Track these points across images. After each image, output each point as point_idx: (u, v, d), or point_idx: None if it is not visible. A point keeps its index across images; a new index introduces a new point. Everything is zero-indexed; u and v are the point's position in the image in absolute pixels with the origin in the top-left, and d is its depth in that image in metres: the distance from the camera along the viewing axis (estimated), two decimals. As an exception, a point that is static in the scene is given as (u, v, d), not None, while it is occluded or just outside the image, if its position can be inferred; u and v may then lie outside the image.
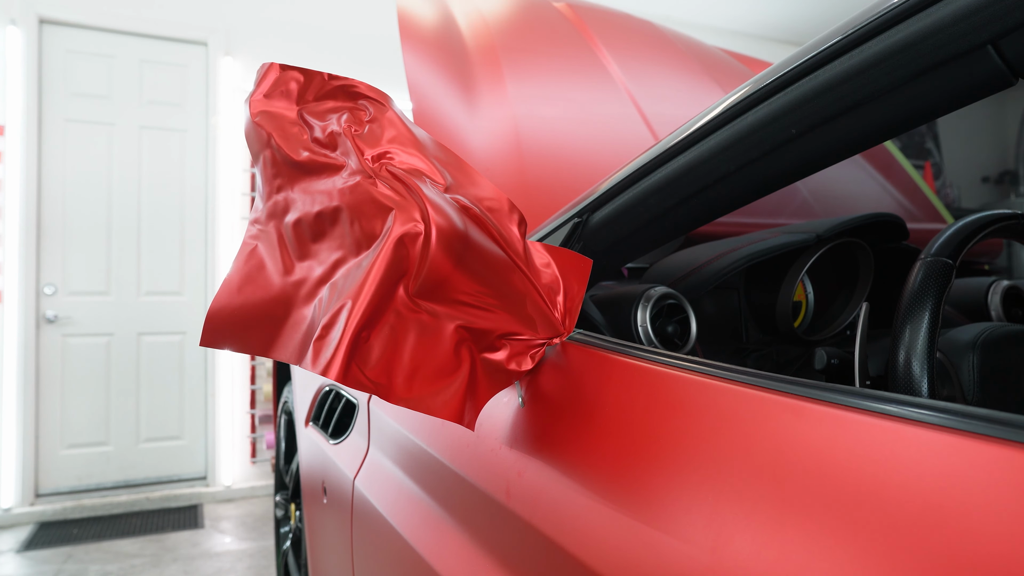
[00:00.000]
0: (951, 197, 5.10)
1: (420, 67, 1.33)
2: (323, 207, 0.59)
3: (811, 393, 0.40)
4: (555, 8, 1.66)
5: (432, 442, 0.79)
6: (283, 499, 1.75)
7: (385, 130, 0.64)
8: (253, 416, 3.44)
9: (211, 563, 2.52)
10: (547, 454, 0.59)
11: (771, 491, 0.38)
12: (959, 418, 0.33)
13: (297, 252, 0.61)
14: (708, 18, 4.74)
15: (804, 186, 1.36)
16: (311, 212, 0.59)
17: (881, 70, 0.47)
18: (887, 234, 1.06)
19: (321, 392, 1.35)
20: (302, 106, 0.65)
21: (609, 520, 0.49)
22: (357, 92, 0.67)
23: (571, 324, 0.64)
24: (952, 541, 0.29)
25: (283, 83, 0.64)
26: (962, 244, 0.63)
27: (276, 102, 0.64)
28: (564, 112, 1.33)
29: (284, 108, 0.64)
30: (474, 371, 0.59)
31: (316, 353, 0.52)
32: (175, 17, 3.39)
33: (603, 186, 0.74)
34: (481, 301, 0.59)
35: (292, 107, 0.64)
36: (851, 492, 0.34)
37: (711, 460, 0.43)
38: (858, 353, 0.63)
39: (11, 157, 3.06)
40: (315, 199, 0.60)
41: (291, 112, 0.64)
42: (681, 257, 0.98)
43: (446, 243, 0.54)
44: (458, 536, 0.68)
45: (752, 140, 0.57)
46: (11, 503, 3.01)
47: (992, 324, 0.71)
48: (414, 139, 0.65)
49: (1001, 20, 0.40)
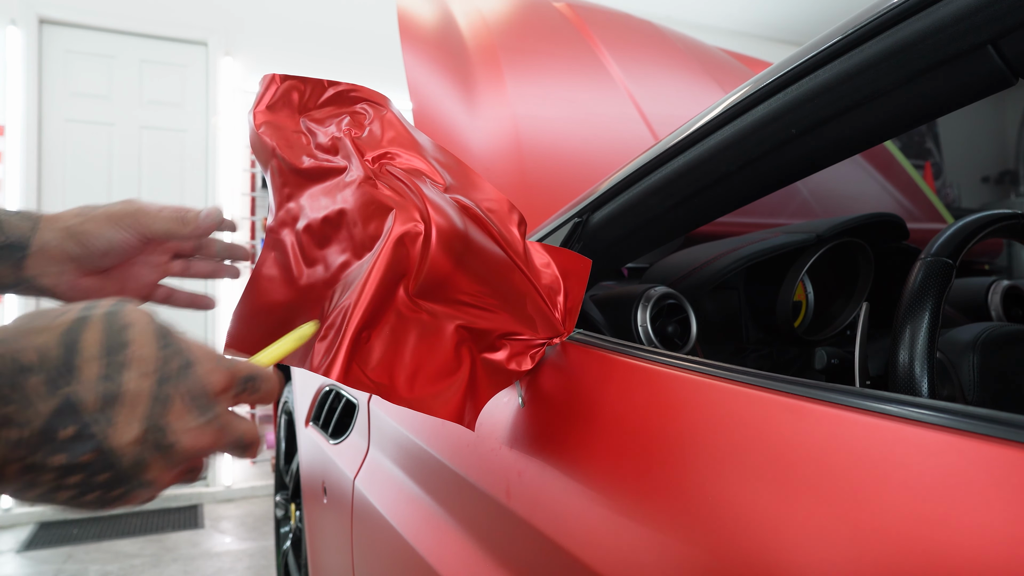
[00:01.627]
0: (951, 197, 5.10)
1: (420, 67, 1.33)
2: (328, 211, 0.59)
3: (811, 393, 0.40)
4: (555, 8, 1.66)
5: (432, 442, 0.79)
6: (283, 499, 1.75)
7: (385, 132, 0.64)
8: (253, 416, 3.43)
9: (211, 563, 2.52)
10: (547, 454, 0.59)
11: (771, 491, 0.38)
12: (959, 418, 0.33)
13: (306, 258, 0.61)
14: (708, 18, 4.74)
15: (804, 186, 1.36)
16: (317, 218, 0.60)
17: (881, 70, 0.47)
18: (887, 234, 1.06)
19: (321, 392, 1.35)
20: (304, 114, 0.66)
21: (609, 520, 0.49)
22: (356, 96, 0.68)
23: (571, 324, 0.64)
24: (952, 541, 0.29)
25: (285, 93, 0.65)
26: (962, 244, 0.63)
27: (279, 112, 0.64)
28: (564, 112, 1.33)
29: (287, 117, 0.65)
30: (474, 371, 0.59)
31: (316, 354, 0.52)
32: (175, 17, 3.39)
33: (603, 186, 0.74)
34: (481, 301, 0.59)
35: (295, 116, 0.65)
36: (851, 492, 0.34)
37: (711, 460, 0.43)
38: (858, 353, 0.63)
39: (11, 157, 3.06)
40: (320, 204, 0.60)
41: (294, 121, 0.65)
42: (681, 257, 0.98)
43: (446, 243, 0.54)
44: (458, 536, 0.68)
45: (752, 140, 0.57)
46: (11, 503, 3.01)
47: (992, 324, 0.71)
48: (413, 140, 0.65)
49: (1001, 20, 0.40)
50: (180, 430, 0.32)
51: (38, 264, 0.48)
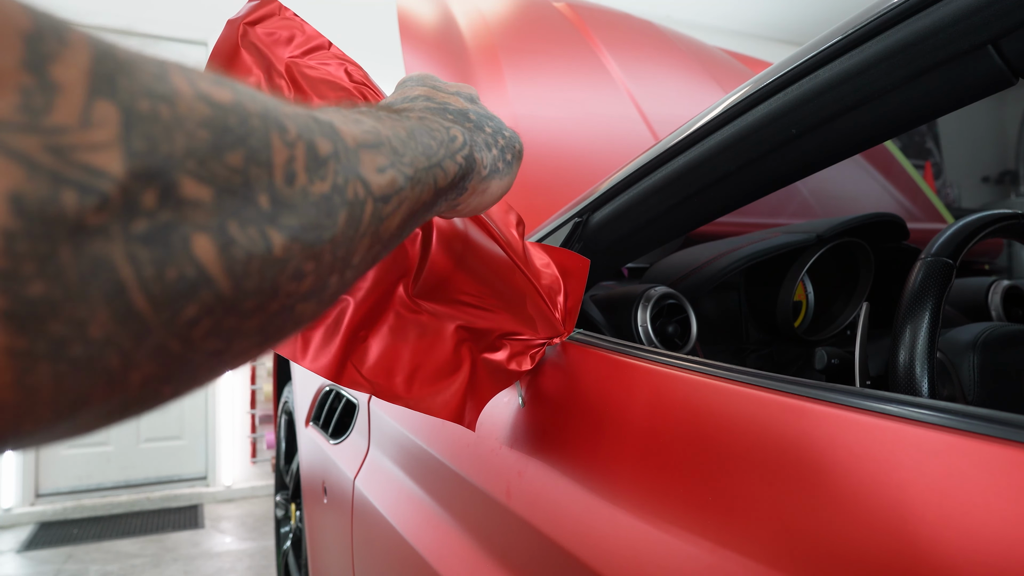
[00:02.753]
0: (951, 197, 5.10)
1: (420, 67, 1.33)
2: None
3: (811, 393, 0.40)
4: (555, 8, 1.66)
5: (432, 442, 0.79)
6: (283, 499, 1.75)
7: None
8: (253, 416, 3.44)
9: (211, 563, 2.52)
10: (547, 454, 0.59)
11: (771, 491, 0.38)
12: (959, 418, 0.33)
13: None
14: (708, 18, 4.74)
15: (804, 186, 1.36)
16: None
17: (881, 70, 0.47)
18: (887, 234, 1.06)
19: (321, 392, 1.35)
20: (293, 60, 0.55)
21: (609, 520, 0.49)
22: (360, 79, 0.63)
23: (571, 324, 0.64)
24: (952, 541, 0.29)
25: (283, 25, 0.55)
26: (962, 244, 0.63)
27: (265, 40, 0.54)
28: (564, 112, 1.33)
29: (272, 50, 0.54)
30: (474, 371, 0.59)
31: (310, 349, 0.52)
32: (175, 17, 3.39)
33: (603, 186, 0.74)
34: (481, 301, 0.58)
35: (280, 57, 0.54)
36: (851, 492, 0.34)
37: (711, 460, 0.43)
38: (858, 353, 0.63)
39: (11, 157, 3.06)
40: None
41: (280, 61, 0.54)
42: (681, 257, 0.98)
43: (446, 243, 0.54)
44: (458, 536, 0.68)
45: (752, 140, 0.57)
46: (11, 503, 3.01)
47: (992, 324, 0.71)
48: None
49: (1001, 20, 0.40)
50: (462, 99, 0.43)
51: None
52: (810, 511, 0.36)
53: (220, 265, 0.19)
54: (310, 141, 0.23)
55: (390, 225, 0.28)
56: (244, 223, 0.19)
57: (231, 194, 0.19)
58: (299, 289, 0.22)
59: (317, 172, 0.23)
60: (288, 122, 0.22)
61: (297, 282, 0.22)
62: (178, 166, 0.18)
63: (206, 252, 0.18)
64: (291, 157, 0.22)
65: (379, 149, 0.28)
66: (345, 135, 0.26)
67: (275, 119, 0.22)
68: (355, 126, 0.27)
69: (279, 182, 0.21)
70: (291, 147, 0.22)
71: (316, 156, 0.23)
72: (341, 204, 0.24)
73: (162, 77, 0.18)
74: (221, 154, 0.19)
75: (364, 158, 0.26)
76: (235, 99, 0.20)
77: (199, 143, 0.18)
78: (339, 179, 0.24)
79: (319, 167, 0.23)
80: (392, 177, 0.28)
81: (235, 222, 0.19)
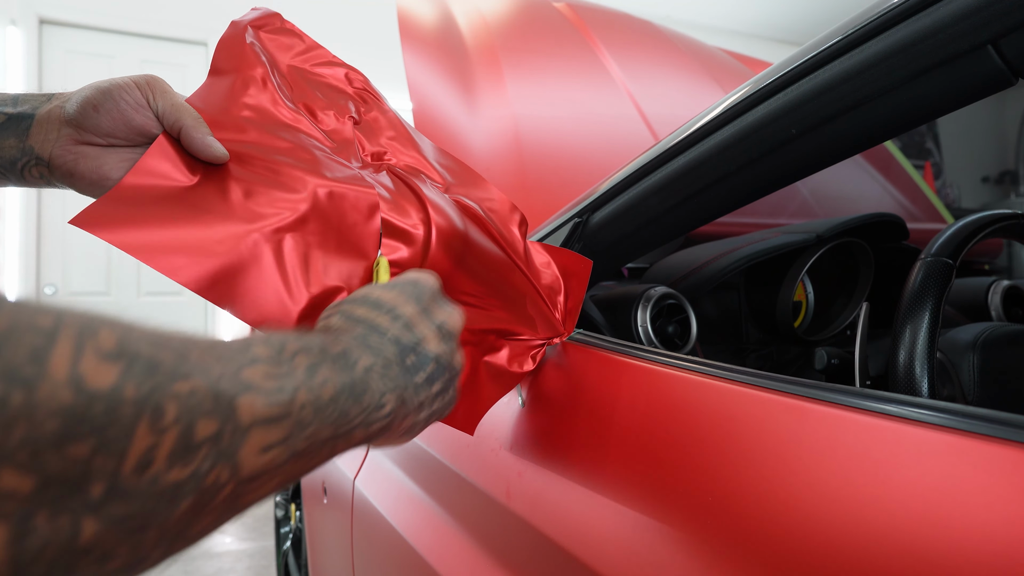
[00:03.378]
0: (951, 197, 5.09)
1: (420, 67, 1.33)
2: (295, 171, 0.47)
3: (811, 393, 0.40)
4: (555, 8, 1.66)
5: (432, 442, 0.79)
6: (283, 499, 1.75)
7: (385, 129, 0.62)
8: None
9: (211, 563, 2.52)
10: (547, 454, 0.59)
11: (771, 491, 0.38)
12: (959, 418, 0.33)
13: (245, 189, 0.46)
14: (708, 18, 4.74)
15: (804, 186, 1.36)
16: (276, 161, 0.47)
17: (881, 70, 0.47)
18: (887, 234, 1.06)
19: (321, 392, 1.35)
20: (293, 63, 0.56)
21: (609, 520, 0.49)
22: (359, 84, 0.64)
23: (571, 324, 0.64)
24: (952, 541, 0.29)
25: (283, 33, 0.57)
26: (962, 244, 0.63)
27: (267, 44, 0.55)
28: (564, 112, 1.33)
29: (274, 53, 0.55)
30: (476, 375, 0.59)
31: None
32: (175, 17, 3.39)
33: (603, 186, 0.74)
34: (481, 301, 0.58)
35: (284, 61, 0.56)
36: (852, 492, 0.34)
37: (711, 460, 0.43)
38: (858, 353, 0.63)
39: (11, 157, 3.06)
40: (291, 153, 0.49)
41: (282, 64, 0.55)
42: (681, 257, 0.98)
43: (446, 243, 0.54)
44: (458, 536, 0.68)
45: (752, 140, 0.57)
46: (11, 503, 3.01)
47: (992, 324, 0.71)
48: (412, 140, 0.64)
49: (1001, 20, 0.40)
50: (443, 318, 0.42)
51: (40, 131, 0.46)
52: (810, 511, 0.36)
53: (5, 554, 0.18)
54: (188, 424, 0.22)
55: (250, 499, 0.27)
56: (57, 512, 0.19)
57: (59, 484, 0.19)
58: (104, 568, 0.21)
59: (181, 458, 0.22)
60: (171, 404, 0.22)
61: (101, 564, 0.21)
62: (6, 457, 0.17)
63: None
64: (153, 444, 0.21)
65: (279, 424, 0.27)
66: (242, 413, 0.25)
67: (155, 403, 0.21)
68: (268, 396, 0.26)
69: (127, 471, 0.20)
70: (159, 433, 0.21)
71: (188, 442, 0.22)
72: (191, 491, 0.23)
73: (38, 356, 0.18)
74: (64, 445, 0.18)
75: (253, 438, 0.25)
76: (115, 383, 0.20)
77: (41, 434, 0.18)
78: (204, 465, 0.23)
79: (186, 453, 0.22)
80: (274, 456, 0.27)
81: (46, 512, 0.19)
